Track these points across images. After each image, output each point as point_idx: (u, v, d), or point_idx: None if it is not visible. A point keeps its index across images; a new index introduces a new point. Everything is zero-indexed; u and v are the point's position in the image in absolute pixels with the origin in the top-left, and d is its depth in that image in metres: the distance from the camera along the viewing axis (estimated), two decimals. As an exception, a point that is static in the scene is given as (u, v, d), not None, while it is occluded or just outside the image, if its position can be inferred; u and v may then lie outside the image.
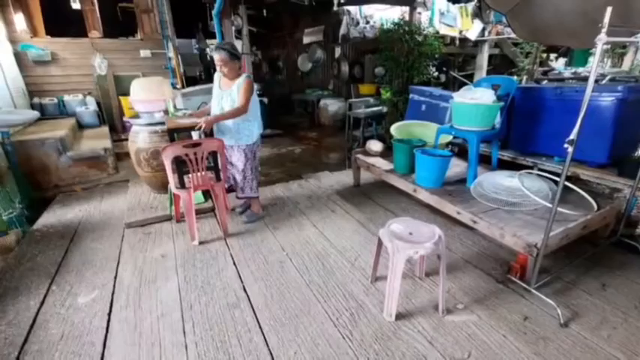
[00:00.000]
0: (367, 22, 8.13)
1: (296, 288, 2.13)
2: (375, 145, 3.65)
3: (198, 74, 8.74)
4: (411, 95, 4.48)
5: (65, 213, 3.31)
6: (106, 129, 5.55)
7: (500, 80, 3.10)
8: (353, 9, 8.04)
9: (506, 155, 3.21)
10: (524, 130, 3.13)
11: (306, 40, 8.86)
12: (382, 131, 5.75)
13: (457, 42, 7.30)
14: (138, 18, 6.41)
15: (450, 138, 3.26)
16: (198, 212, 3.00)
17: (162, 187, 3.31)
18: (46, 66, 5.71)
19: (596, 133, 2.57)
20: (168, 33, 6.21)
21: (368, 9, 8.15)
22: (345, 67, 7.84)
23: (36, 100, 5.51)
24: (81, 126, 5.58)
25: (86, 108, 5.73)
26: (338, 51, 8.04)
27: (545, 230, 1.86)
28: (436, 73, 6.04)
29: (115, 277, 2.25)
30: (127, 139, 3.85)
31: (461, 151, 3.69)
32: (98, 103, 6.05)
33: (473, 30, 7.46)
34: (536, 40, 5.73)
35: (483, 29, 7.46)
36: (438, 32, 6.62)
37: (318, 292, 2.08)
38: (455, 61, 7.56)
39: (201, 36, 9.10)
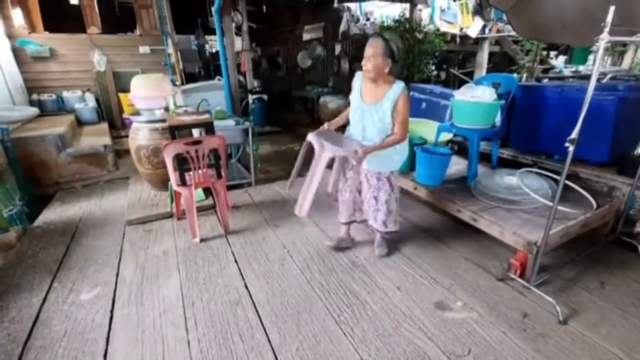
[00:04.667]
0: (367, 19, 8.11)
1: (297, 285, 2.14)
2: (376, 143, 3.64)
3: (197, 71, 8.69)
4: (411, 93, 4.46)
5: (66, 210, 3.31)
6: (105, 125, 5.53)
7: (501, 78, 3.11)
8: (353, 6, 8.02)
9: (506, 153, 3.23)
10: (524, 128, 3.14)
11: (305, 36, 8.82)
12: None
13: (457, 39, 7.29)
14: (137, 14, 6.37)
15: (450, 136, 3.27)
16: (199, 210, 3.00)
17: (163, 184, 3.31)
18: (44, 62, 5.67)
19: (596, 132, 2.58)
20: (167, 29, 6.17)
21: (368, 5, 8.12)
22: (345, 64, 7.82)
23: (34, 96, 5.47)
24: (80, 122, 5.56)
25: (85, 104, 5.71)
26: (338, 48, 8.01)
27: (545, 228, 1.88)
28: (436, 72, 6.05)
29: (117, 274, 2.26)
30: (126, 136, 3.84)
31: (460, 149, 3.70)
32: (97, 100, 6.03)
33: (473, 27, 7.44)
34: (537, 38, 5.73)
35: (484, 27, 7.44)
36: (438, 29, 6.62)
37: (319, 290, 2.09)
38: (455, 59, 7.54)
39: (200, 32, 9.05)
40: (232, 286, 2.13)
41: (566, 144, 1.67)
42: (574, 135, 1.64)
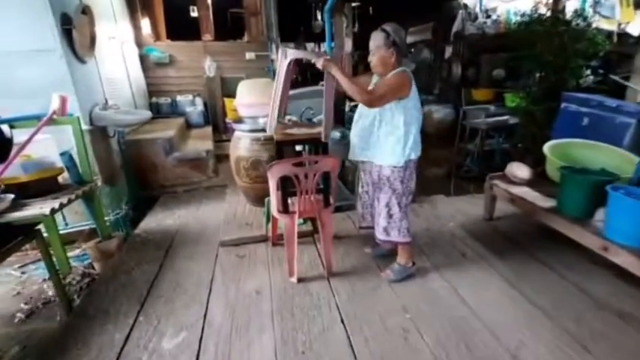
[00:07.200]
0: (488, 17, 6.99)
1: (431, 380, 1.49)
2: (521, 171, 2.76)
3: (294, 77, 8.66)
4: (563, 105, 3.45)
5: (165, 217, 3.22)
6: (209, 129, 5.66)
7: None
8: (471, 2, 7.02)
9: None
10: None
11: (409, 39, 8.08)
12: (510, 147, 4.71)
13: (615, 37, 5.76)
14: (246, 21, 6.47)
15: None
16: (297, 236, 2.56)
17: (259, 200, 2.98)
18: (164, 68, 6.07)
19: None
20: (273, 35, 6.11)
21: (490, 1, 7.02)
22: (457, 69, 6.85)
23: (154, 99, 5.89)
24: (189, 125, 5.79)
25: (195, 108, 5.94)
26: (449, 50, 7.08)
27: None
28: (591, 77, 4.73)
29: (205, 315, 1.90)
30: (227, 140, 3.68)
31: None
32: (205, 104, 6.25)
33: (636, 23, 5.86)
34: None
35: (651, 21, 5.75)
36: (589, 25, 5.26)
37: (469, 400, 1.41)
38: (615, 61, 5.99)
39: (301, 39, 9.04)
40: (340, 363, 1.58)
41: None
42: None
